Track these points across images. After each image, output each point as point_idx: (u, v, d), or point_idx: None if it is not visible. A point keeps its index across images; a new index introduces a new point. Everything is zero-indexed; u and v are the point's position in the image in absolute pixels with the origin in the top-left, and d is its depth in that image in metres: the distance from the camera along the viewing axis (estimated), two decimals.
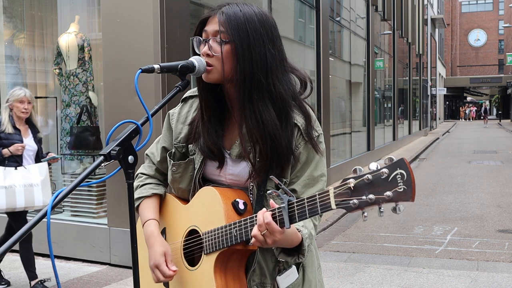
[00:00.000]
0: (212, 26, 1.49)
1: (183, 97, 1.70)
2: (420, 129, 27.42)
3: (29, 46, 6.43)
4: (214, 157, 1.57)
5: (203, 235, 1.55)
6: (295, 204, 1.34)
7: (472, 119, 52.24)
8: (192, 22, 5.20)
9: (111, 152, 1.34)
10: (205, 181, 1.64)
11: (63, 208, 5.73)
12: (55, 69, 5.97)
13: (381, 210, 1.23)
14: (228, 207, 1.51)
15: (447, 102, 62.74)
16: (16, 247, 4.27)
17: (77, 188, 1.30)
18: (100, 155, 1.35)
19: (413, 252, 5.64)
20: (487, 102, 69.66)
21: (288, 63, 1.56)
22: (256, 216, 1.41)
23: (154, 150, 1.75)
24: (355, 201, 1.23)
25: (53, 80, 6.29)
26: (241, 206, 1.51)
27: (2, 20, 6.17)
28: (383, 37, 18.07)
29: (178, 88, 1.50)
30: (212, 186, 1.58)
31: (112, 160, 1.35)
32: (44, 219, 1.24)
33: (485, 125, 41.31)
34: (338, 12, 12.59)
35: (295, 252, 1.45)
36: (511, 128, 35.36)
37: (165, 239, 1.68)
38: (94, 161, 4.31)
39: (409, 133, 23.09)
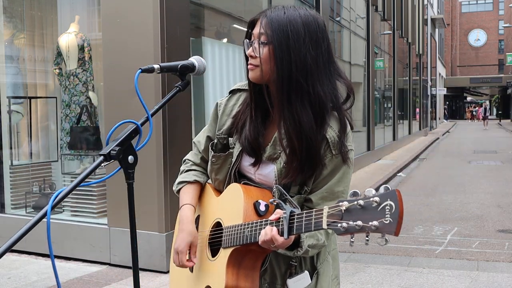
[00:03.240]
0: (256, 29, 1.54)
1: (232, 89, 1.74)
2: (420, 129, 27.42)
3: (29, 46, 6.42)
4: (252, 153, 1.60)
5: (224, 229, 1.59)
6: (295, 217, 1.36)
7: (479, 120, 50.17)
8: (192, 22, 5.20)
9: (111, 152, 1.34)
10: (240, 175, 1.68)
11: (63, 208, 5.73)
12: (55, 69, 5.97)
13: (367, 238, 1.22)
14: (249, 206, 1.53)
15: (447, 102, 62.73)
16: (16, 247, 4.27)
17: (77, 188, 1.30)
18: (100, 155, 1.35)
19: (413, 252, 5.64)
20: (487, 102, 69.64)
21: (336, 67, 1.57)
22: (265, 221, 1.44)
23: (200, 139, 1.79)
24: (344, 224, 1.23)
25: (53, 80, 6.29)
26: (262, 208, 1.53)
27: (2, 20, 6.16)
28: (383, 37, 18.07)
29: (178, 88, 1.50)
30: (241, 183, 1.62)
31: (112, 160, 1.35)
32: (44, 219, 1.24)
33: (485, 127, 37.23)
34: (338, 12, 12.59)
35: (295, 245, 1.47)
36: (511, 128, 35.36)
37: (197, 226, 1.74)
38: (94, 161, 4.30)
39: (409, 133, 23.09)
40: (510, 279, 4.69)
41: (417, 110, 26.83)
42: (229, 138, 1.67)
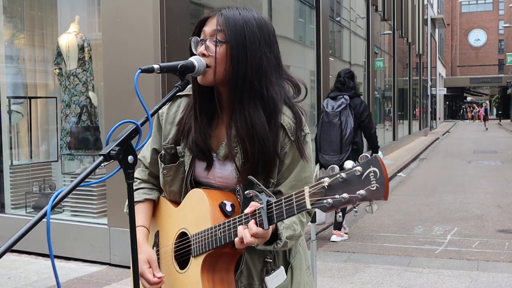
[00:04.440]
0: (210, 27, 1.49)
1: (184, 89, 1.70)
2: (420, 129, 27.42)
3: (29, 46, 6.42)
4: (202, 157, 1.57)
5: (191, 238, 1.54)
6: (273, 205, 1.33)
7: (480, 120, 48.17)
8: (192, 22, 5.20)
9: (111, 152, 1.34)
10: (197, 183, 1.63)
11: (63, 208, 5.73)
12: (55, 69, 5.97)
13: (355, 210, 1.23)
14: (215, 208, 1.50)
15: (447, 102, 62.73)
16: (16, 247, 4.26)
17: (77, 188, 1.30)
18: (100, 155, 1.35)
19: (413, 252, 5.64)
20: (487, 102, 69.68)
21: (284, 70, 1.56)
22: (238, 218, 1.41)
23: (145, 154, 1.73)
24: (330, 200, 1.21)
25: (53, 80, 6.29)
26: (228, 208, 1.50)
27: (2, 20, 6.16)
28: (383, 37, 18.07)
29: (177, 88, 1.49)
30: (201, 188, 1.57)
31: (112, 160, 1.35)
32: (44, 219, 1.24)
33: (485, 128, 35.04)
34: (338, 12, 12.59)
35: (273, 239, 1.45)
36: (511, 128, 35.35)
37: (158, 242, 1.68)
38: (94, 161, 4.30)
39: (409, 133, 23.09)
40: (510, 279, 4.69)
41: (417, 110, 26.81)
42: (177, 147, 1.61)
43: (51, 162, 6.28)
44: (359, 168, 1.18)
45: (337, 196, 1.20)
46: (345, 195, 1.19)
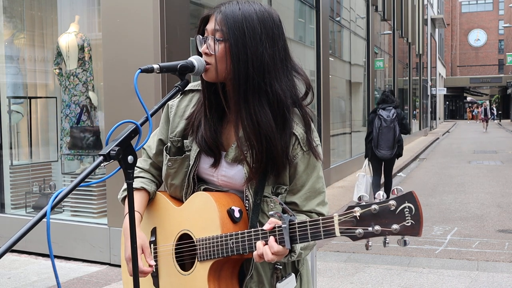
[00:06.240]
0: (211, 25, 1.48)
1: (183, 90, 1.69)
2: (420, 129, 27.41)
3: (29, 46, 6.42)
4: (210, 153, 1.55)
5: (196, 242, 1.53)
6: (296, 226, 1.33)
7: (481, 121, 46.61)
8: (192, 22, 5.20)
9: (111, 152, 1.33)
10: (199, 180, 1.62)
11: (63, 208, 5.73)
12: (55, 69, 5.97)
13: (386, 241, 1.24)
14: (224, 215, 1.49)
15: (447, 102, 62.73)
16: (16, 247, 4.26)
17: (77, 188, 1.30)
18: (100, 155, 1.35)
19: (413, 252, 5.64)
20: (487, 102, 69.66)
21: (292, 64, 1.53)
22: (254, 232, 1.41)
23: (151, 143, 1.73)
24: (361, 230, 1.23)
25: (53, 80, 6.29)
26: (237, 214, 1.50)
27: (2, 20, 6.16)
28: (383, 37, 18.07)
29: (177, 88, 1.49)
30: (206, 191, 1.56)
31: (112, 160, 1.35)
32: (44, 219, 1.24)
33: (484, 129, 33.15)
34: (338, 12, 12.59)
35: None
36: (511, 128, 35.35)
37: (155, 239, 1.66)
38: (94, 161, 4.30)
39: (409, 133, 23.09)
40: (510, 279, 4.69)
41: (417, 109, 26.79)
42: (184, 141, 1.61)
43: (51, 162, 6.28)
44: (393, 202, 1.20)
45: (369, 228, 1.22)
46: (377, 227, 1.21)
